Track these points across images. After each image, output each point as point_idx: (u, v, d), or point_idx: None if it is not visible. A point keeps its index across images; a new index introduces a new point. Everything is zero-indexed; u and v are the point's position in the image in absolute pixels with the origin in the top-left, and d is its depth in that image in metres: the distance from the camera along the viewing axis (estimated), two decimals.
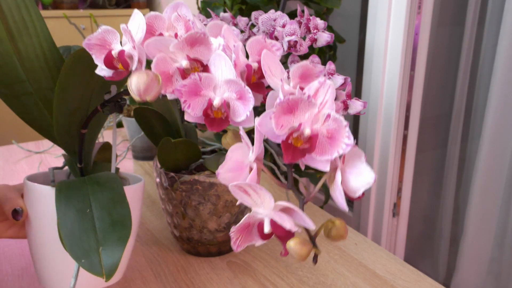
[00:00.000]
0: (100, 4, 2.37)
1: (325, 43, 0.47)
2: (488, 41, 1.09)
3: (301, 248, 0.23)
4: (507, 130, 1.04)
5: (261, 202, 0.24)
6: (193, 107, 0.27)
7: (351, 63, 1.59)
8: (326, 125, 0.24)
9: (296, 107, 0.24)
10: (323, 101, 0.24)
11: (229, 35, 0.29)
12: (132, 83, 0.28)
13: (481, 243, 1.15)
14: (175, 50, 0.28)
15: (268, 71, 0.27)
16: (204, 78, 0.27)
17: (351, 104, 0.45)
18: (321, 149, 0.24)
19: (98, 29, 0.30)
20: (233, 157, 0.26)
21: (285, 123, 0.24)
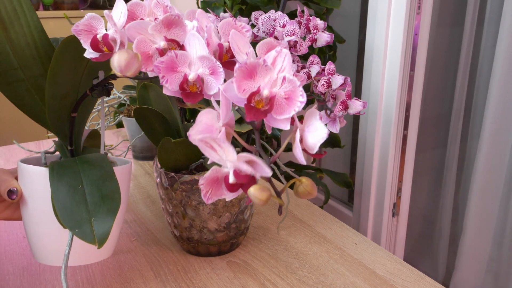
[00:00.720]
0: (100, 5, 2.37)
1: (325, 43, 0.47)
2: (487, 41, 1.09)
3: (261, 193, 0.25)
4: (506, 130, 1.04)
5: (226, 155, 0.26)
6: (170, 82, 0.30)
7: (351, 63, 1.59)
8: (283, 87, 0.27)
9: (255, 72, 0.27)
10: (282, 67, 0.27)
11: (202, 18, 0.33)
12: (114, 60, 0.31)
13: (480, 243, 1.15)
14: (153, 32, 0.31)
15: (237, 48, 0.30)
16: (180, 55, 0.30)
17: (351, 104, 0.45)
18: (280, 109, 0.27)
19: (85, 16, 0.34)
20: (203, 120, 0.28)
21: (246, 87, 0.27)
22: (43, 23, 0.44)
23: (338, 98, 0.47)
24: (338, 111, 0.45)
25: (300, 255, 0.56)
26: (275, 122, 0.27)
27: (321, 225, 0.64)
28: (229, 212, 0.53)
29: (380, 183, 1.31)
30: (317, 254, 0.56)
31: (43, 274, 0.53)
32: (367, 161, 1.33)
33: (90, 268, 0.54)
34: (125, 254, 0.57)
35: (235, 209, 0.53)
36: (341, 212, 1.61)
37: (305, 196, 0.28)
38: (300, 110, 0.27)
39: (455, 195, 1.29)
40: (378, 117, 1.25)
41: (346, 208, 1.62)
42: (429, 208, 1.44)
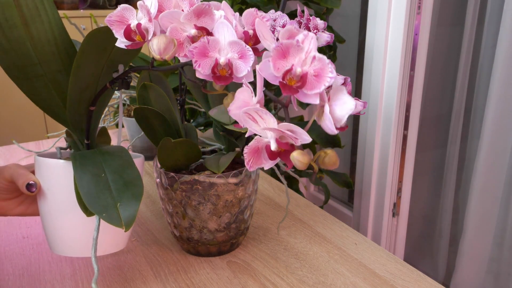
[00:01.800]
0: (100, 5, 2.37)
1: (325, 43, 0.47)
2: (487, 41, 1.09)
3: (303, 156, 0.28)
4: (506, 130, 1.04)
5: (267, 125, 0.29)
6: (203, 66, 0.33)
7: (351, 63, 1.59)
8: (313, 65, 0.29)
9: (288, 52, 0.29)
10: (309, 49, 0.30)
11: (227, 9, 0.35)
12: (154, 44, 0.33)
13: (480, 243, 1.15)
14: (184, 21, 0.34)
15: (262, 35, 0.33)
16: (212, 41, 0.33)
17: None
18: (310, 85, 0.30)
19: (118, 7, 0.36)
20: (241, 97, 0.31)
21: (280, 66, 0.30)
22: None
23: None
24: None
25: (300, 255, 0.56)
26: (306, 97, 0.29)
27: (321, 225, 0.64)
28: (229, 212, 0.53)
29: (380, 183, 1.31)
30: (317, 254, 0.56)
31: (42, 274, 0.53)
32: (367, 161, 1.33)
33: (90, 268, 0.54)
34: (125, 254, 0.57)
35: (235, 209, 0.53)
36: (341, 212, 1.61)
37: (330, 166, 0.30)
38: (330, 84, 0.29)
39: (455, 195, 1.29)
40: (378, 117, 1.25)
41: (346, 208, 1.62)
42: (429, 208, 1.44)
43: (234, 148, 0.56)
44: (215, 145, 0.60)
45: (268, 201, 0.71)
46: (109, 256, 0.56)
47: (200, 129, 1.13)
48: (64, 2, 2.25)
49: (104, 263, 0.55)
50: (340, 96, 0.30)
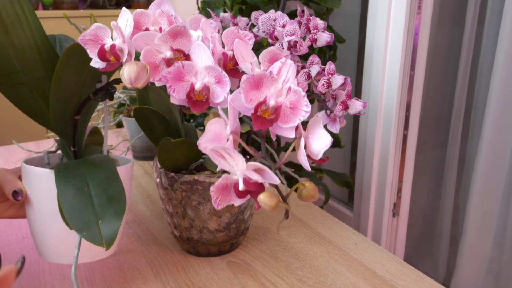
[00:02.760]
0: (100, 4, 2.37)
1: (325, 43, 0.47)
2: (487, 41, 1.09)
3: (270, 199, 0.27)
4: (507, 130, 1.04)
5: (236, 164, 0.27)
6: (177, 91, 0.31)
7: (351, 63, 1.59)
8: (289, 97, 0.28)
9: (261, 83, 0.28)
10: (286, 77, 0.28)
11: (207, 27, 0.33)
12: (124, 73, 0.32)
13: (480, 243, 1.15)
14: (159, 42, 0.32)
15: (241, 57, 0.31)
16: (187, 65, 0.31)
17: (351, 104, 0.45)
18: (285, 118, 0.28)
19: (92, 26, 0.34)
20: (212, 129, 0.29)
21: (253, 97, 0.28)
22: (43, 23, 0.44)
23: (338, 98, 0.47)
24: (338, 111, 0.45)
25: (300, 255, 0.56)
26: (281, 130, 0.28)
27: (321, 225, 0.64)
28: (229, 212, 0.53)
29: (380, 183, 1.31)
30: (317, 254, 0.56)
31: (42, 274, 0.53)
32: (367, 161, 1.33)
33: (90, 268, 0.54)
34: (125, 254, 0.57)
35: (235, 209, 0.53)
36: (341, 212, 1.61)
37: (308, 200, 0.29)
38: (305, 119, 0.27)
39: (456, 195, 1.29)
40: (378, 117, 1.25)
41: (346, 208, 1.61)
42: (429, 208, 1.43)
43: None
44: None
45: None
46: (109, 256, 0.56)
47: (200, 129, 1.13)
48: (64, 2, 2.25)
49: (104, 263, 0.55)
50: (317, 130, 0.29)
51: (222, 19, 0.54)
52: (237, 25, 0.54)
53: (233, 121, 0.29)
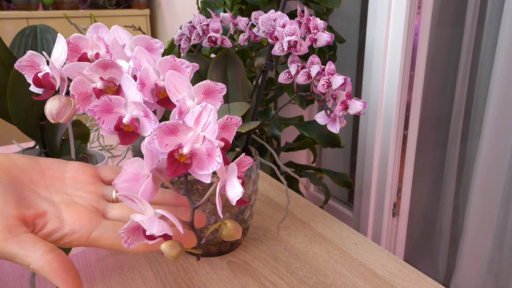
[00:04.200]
0: (100, 4, 2.37)
1: (325, 43, 0.47)
2: (487, 41, 1.09)
3: (171, 250, 0.26)
4: (506, 130, 1.04)
5: (145, 210, 0.27)
6: (107, 123, 0.31)
7: (351, 63, 1.59)
8: (205, 144, 0.28)
9: (177, 130, 0.27)
10: (206, 122, 0.28)
11: (141, 55, 0.32)
12: (47, 109, 0.32)
13: (480, 243, 1.15)
14: (90, 73, 0.32)
15: (173, 89, 0.30)
16: (114, 99, 0.30)
17: (351, 104, 0.45)
18: (201, 164, 0.28)
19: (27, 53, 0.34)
20: (129, 170, 0.29)
21: (169, 142, 0.28)
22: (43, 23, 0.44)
23: (338, 98, 0.47)
24: (338, 111, 0.45)
25: (300, 255, 0.56)
26: (198, 176, 0.28)
27: (321, 225, 0.64)
28: (229, 212, 0.53)
29: (380, 183, 1.31)
30: (317, 254, 0.56)
31: None
32: (367, 161, 1.33)
33: (90, 268, 0.54)
34: (125, 254, 0.57)
35: (235, 209, 0.53)
36: (341, 212, 1.61)
37: (228, 239, 0.30)
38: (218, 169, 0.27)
39: (456, 195, 1.29)
40: (378, 117, 1.25)
41: (346, 208, 1.62)
42: (429, 208, 1.44)
43: (234, 148, 0.56)
44: None
45: (268, 201, 0.71)
46: (109, 256, 0.56)
47: None
48: (64, 2, 2.25)
49: (104, 263, 0.55)
50: (231, 178, 0.29)
51: (222, 19, 0.54)
52: (237, 25, 0.54)
53: (151, 161, 0.29)
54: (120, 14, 2.32)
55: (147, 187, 0.29)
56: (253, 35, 0.52)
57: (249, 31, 0.52)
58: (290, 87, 1.16)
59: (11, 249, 0.26)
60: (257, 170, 0.55)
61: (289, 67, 0.49)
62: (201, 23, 0.53)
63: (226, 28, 0.54)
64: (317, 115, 0.48)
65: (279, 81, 0.48)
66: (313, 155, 1.36)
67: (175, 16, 2.19)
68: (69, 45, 0.33)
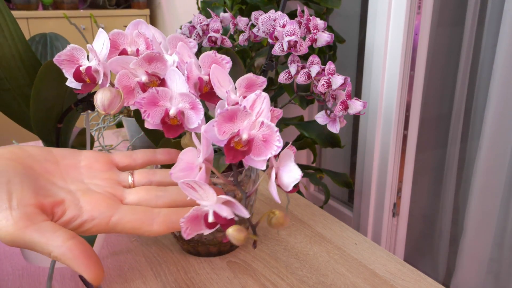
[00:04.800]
0: (100, 4, 2.37)
1: (325, 43, 0.47)
2: (487, 41, 1.09)
3: (238, 233, 0.27)
4: (507, 130, 1.04)
5: (206, 196, 0.28)
6: (152, 116, 0.31)
7: (351, 63, 1.59)
8: (261, 130, 0.28)
9: (235, 116, 0.28)
10: (260, 110, 0.28)
11: (183, 51, 0.33)
12: (98, 99, 0.32)
13: (480, 243, 1.15)
14: (135, 67, 0.32)
15: (217, 83, 0.31)
16: (161, 91, 0.31)
17: (351, 104, 0.45)
18: (258, 151, 0.28)
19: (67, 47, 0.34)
20: (184, 159, 0.29)
21: (227, 129, 0.28)
22: (43, 23, 0.44)
23: (338, 98, 0.47)
24: (338, 111, 0.45)
25: (300, 255, 0.56)
26: (253, 163, 0.28)
27: (321, 225, 0.64)
28: None
29: (380, 183, 1.31)
30: (317, 254, 0.56)
31: (42, 274, 0.53)
32: (367, 161, 1.33)
33: None
34: (125, 254, 0.57)
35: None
36: (341, 212, 1.61)
37: (277, 227, 0.30)
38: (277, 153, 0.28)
39: (456, 195, 1.29)
40: (378, 117, 1.25)
41: (346, 208, 1.62)
42: (429, 208, 1.44)
43: None
44: (215, 145, 0.60)
45: (268, 201, 0.71)
46: (109, 256, 0.56)
47: None
48: (64, 2, 2.25)
49: (104, 263, 0.55)
50: (288, 163, 0.29)
51: (222, 19, 0.54)
52: (237, 25, 0.54)
53: (206, 150, 0.29)
54: (120, 14, 2.32)
55: (203, 176, 0.29)
56: (253, 35, 0.52)
57: (249, 31, 0.52)
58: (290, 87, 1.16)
59: (32, 236, 0.25)
60: (257, 170, 0.55)
61: (289, 67, 0.49)
62: (201, 23, 0.53)
63: (226, 28, 0.54)
64: (317, 115, 0.48)
65: (279, 81, 0.48)
66: (313, 155, 1.36)
67: (175, 16, 2.19)
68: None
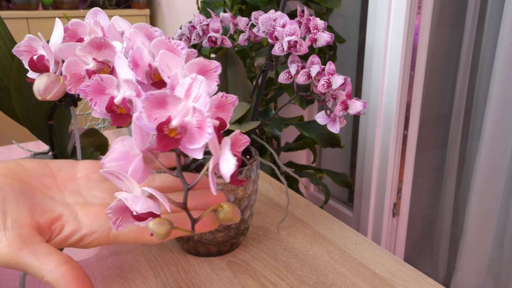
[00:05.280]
0: (100, 4, 2.37)
1: (325, 43, 0.47)
2: (487, 41, 1.09)
3: (159, 227, 0.25)
4: (507, 130, 1.04)
5: (132, 187, 0.26)
6: (99, 105, 0.29)
7: (351, 63, 1.59)
8: (195, 116, 0.26)
9: (165, 102, 0.26)
10: (197, 94, 0.26)
11: (136, 36, 0.31)
12: (34, 84, 0.31)
13: (480, 243, 1.15)
14: (82, 53, 0.31)
15: (166, 69, 0.28)
16: (105, 78, 0.29)
17: (351, 104, 0.45)
18: (192, 138, 0.26)
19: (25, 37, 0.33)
20: (117, 148, 0.27)
21: (158, 116, 0.26)
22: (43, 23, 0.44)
23: (338, 98, 0.47)
24: (338, 111, 0.45)
25: (300, 255, 0.56)
26: (189, 151, 0.26)
27: (321, 225, 0.64)
28: None
29: (380, 183, 1.31)
30: (317, 254, 0.56)
31: None
32: (367, 161, 1.33)
33: (90, 268, 0.54)
34: (125, 254, 0.57)
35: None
36: (341, 212, 1.61)
37: (226, 223, 0.28)
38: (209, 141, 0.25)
39: (456, 195, 1.29)
40: (378, 117, 1.25)
41: (346, 208, 1.62)
42: (429, 208, 1.44)
43: None
44: None
45: (268, 201, 0.71)
46: (109, 256, 0.56)
47: None
48: (64, 2, 2.25)
49: (104, 263, 0.55)
50: (224, 152, 0.27)
51: (222, 19, 0.54)
52: (237, 25, 0.54)
53: (141, 140, 0.27)
54: (120, 14, 2.32)
55: (137, 167, 0.27)
56: (253, 35, 0.52)
57: (249, 31, 0.52)
58: (290, 87, 1.16)
59: (26, 259, 0.25)
60: (257, 170, 0.55)
61: (289, 67, 0.49)
62: (201, 23, 0.53)
63: (226, 28, 0.54)
64: (317, 115, 0.48)
65: (279, 81, 0.48)
66: (313, 155, 1.36)
67: (175, 16, 2.19)
68: (67, 32, 0.33)
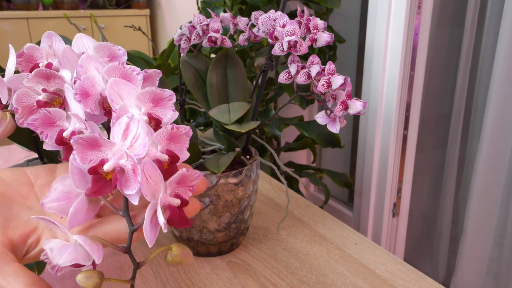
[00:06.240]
0: (100, 4, 2.37)
1: (325, 43, 0.47)
2: (487, 41, 1.09)
3: (86, 281, 0.24)
4: (507, 130, 1.04)
5: (68, 234, 0.25)
6: (50, 137, 0.28)
7: (351, 63, 1.59)
8: (129, 160, 0.24)
9: (98, 144, 0.24)
10: (136, 134, 0.24)
11: (89, 63, 0.29)
12: None
13: (480, 243, 1.15)
14: (31, 85, 0.29)
15: (117, 99, 0.27)
16: (53, 111, 0.28)
17: (351, 104, 0.45)
18: (127, 182, 0.24)
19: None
20: (58, 188, 0.26)
21: (93, 157, 0.25)
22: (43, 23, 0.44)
23: (338, 98, 0.47)
24: (338, 111, 0.45)
25: (300, 255, 0.56)
26: (126, 196, 0.25)
27: (321, 225, 0.64)
28: (229, 212, 0.53)
29: (380, 183, 1.31)
30: (317, 254, 0.56)
31: (42, 274, 0.53)
32: (367, 161, 1.33)
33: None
34: (125, 254, 0.57)
35: (235, 209, 0.53)
36: (341, 212, 1.61)
37: (176, 265, 0.26)
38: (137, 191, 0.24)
39: (455, 195, 1.29)
40: (378, 117, 1.25)
41: (346, 208, 1.62)
42: (429, 208, 1.44)
43: (234, 148, 0.56)
44: (215, 145, 0.60)
45: (268, 201, 0.71)
46: (109, 256, 0.56)
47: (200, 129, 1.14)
48: (64, 2, 2.25)
49: (104, 263, 0.55)
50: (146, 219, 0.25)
51: (222, 19, 0.54)
52: (237, 25, 0.54)
53: (79, 180, 0.26)
54: (120, 14, 2.32)
55: (78, 208, 0.26)
56: (253, 35, 0.52)
57: (249, 31, 0.52)
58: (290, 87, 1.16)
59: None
60: (257, 170, 0.55)
61: (289, 67, 0.49)
62: (201, 23, 0.53)
63: (226, 28, 0.54)
64: (317, 115, 0.48)
65: (279, 81, 0.48)
66: (313, 155, 1.36)
67: (175, 16, 2.19)
68: (23, 56, 0.31)
